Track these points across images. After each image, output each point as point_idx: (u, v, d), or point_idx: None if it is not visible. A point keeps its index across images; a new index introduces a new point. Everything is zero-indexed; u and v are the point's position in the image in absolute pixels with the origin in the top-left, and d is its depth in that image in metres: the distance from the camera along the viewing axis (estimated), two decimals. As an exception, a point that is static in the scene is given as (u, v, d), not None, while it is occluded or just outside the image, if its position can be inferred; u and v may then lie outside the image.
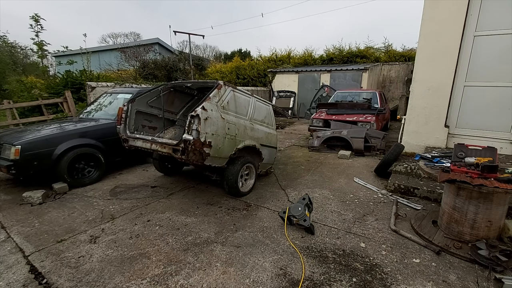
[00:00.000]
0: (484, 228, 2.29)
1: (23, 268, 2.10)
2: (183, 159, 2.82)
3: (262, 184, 3.98)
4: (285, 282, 1.94)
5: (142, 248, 2.36)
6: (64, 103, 6.53)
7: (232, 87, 3.27)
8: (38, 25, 7.08)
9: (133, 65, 13.77)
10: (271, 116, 4.10)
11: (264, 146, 3.83)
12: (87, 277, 1.99)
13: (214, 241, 2.47)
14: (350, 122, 6.24)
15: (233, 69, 16.16)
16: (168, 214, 3.03)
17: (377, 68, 12.27)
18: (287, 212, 2.68)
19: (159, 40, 19.43)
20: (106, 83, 6.92)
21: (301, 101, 12.76)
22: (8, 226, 2.73)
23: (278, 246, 2.40)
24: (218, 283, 1.93)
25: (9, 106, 6.00)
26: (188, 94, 4.48)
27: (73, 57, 7.89)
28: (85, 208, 3.17)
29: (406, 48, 13.96)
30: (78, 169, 3.84)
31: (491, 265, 2.02)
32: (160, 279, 1.98)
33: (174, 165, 4.37)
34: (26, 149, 3.36)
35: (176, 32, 14.91)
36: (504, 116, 3.71)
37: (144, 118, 3.95)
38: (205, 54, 30.83)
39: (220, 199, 3.43)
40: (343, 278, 1.99)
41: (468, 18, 3.72)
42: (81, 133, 3.89)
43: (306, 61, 15.26)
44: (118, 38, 31.58)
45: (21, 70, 13.48)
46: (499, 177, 2.16)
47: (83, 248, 2.35)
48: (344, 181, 4.07)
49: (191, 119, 2.69)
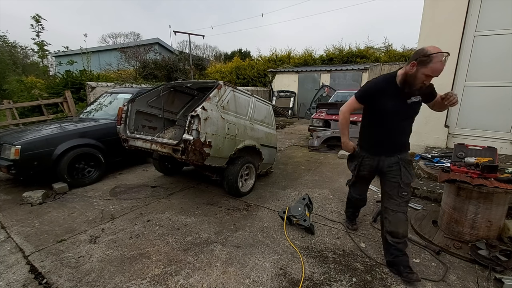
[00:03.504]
0: (484, 228, 2.29)
1: (23, 268, 2.09)
2: (183, 159, 2.82)
3: (262, 184, 3.98)
4: (285, 282, 1.94)
5: (142, 248, 2.36)
6: (64, 103, 6.53)
7: (232, 87, 3.27)
8: (39, 25, 7.07)
9: (133, 65, 13.76)
10: (271, 116, 4.09)
11: (264, 146, 3.83)
12: (87, 277, 1.99)
13: (214, 241, 2.47)
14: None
15: (233, 69, 16.15)
16: (168, 214, 3.03)
17: (377, 68, 12.27)
18: (287, 212, 2.68)
19: (159, 40, 19.42)
20: (106, 83, 6.91)
21: (301, 101, 12.77)
22: (8, 226, 2.73)
23: (278, 246, 2.40)
24: (218, 283, 1.93)
25: (9, 106, 6.00)
26: (188, 94, 4.48)
27: (73, 57, 7.89)
28: (85, 208, 3.17)
29: (406, 48, 13.96)
30: (78, 169, 3.84)
31: (491, 265, 2.02)
32: (160, 279, 1.98)
33: (174, 165, 4.37)
34: (26, 149, 3.36)
35: (176, 32, 14.89)
36: (504, 116, 3.71)
37: (144, 118, 3.95)
38: (205, 54, 30.85)
39: (220, 199, 3.43)
40: (343, 278, 1.99)
41: (468, 18, 3.71)
42: (81, 133, 3.88)
43: (306, 61, 15.26)
44: (118, 38, 31.62)
45: (21, 70, 13.49)
46: (499, 177, 2.15)
47: (83, 248, 2.35)
48: (344, 181, 4.05)
49: (191, 119, 2.69)
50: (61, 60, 7.98)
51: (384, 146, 2.05)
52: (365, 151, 2.19)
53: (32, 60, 16.01)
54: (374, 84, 1.98)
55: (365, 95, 2.02)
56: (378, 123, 2.03)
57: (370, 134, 2.15)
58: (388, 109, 1.92)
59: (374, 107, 2.02)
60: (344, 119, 2.18)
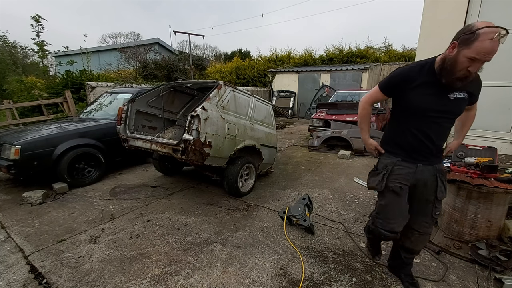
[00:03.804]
0: (484, 228, 2.29)
1: (23, 268, 2.09)
2: (183, 159, 2.82)
3: (262, 184, 3.98)
4: (285, 282, 1.94)
5: (142, 248, 2.36)
6: (64, 103, 6.53)
7: (232, 87, 3.27)
8: (39, 25, 7.07)
9: (133, 65, 13.76)
10: (271, 116, 4.09)
11: (264, 146, 3.83)
12: (87, 277, 1.99)
13: (214, 241, 2.47)
14: (350, 122, 6.24)
15: (233, 69, 16.15)
16: (168, 214, 3.03)
17: (377, 68, 12.27)
18: (287, 212, 2.68)
19: (159, 40, 19.41)
20: (106, 83, 6.91)
21: (301, 101, 12.76)
22: (8, 226, 2.73)
23: (278, 246, 2.40)
24: (218, 283, 1.93)
25: (9, 106, 6.00)
26: (188, 94, 4.48)
27: (73, 57, 7.88)
28: (85, 208, 3.17)
29: (406, 48, 13.99)
30: (78, 169, 3.84)
31: (491, 265, 2.02)
32: (160, 279, 1.98)
33: (174, 165, 4.37)
34: (26, 149, 3.36)
35: (176, 32, 14.87)
36: (504, 116, 3.71)
37: (144, 118, 3.95)
38: (205, 54, 30.82)
39: (220, 199, 3.43)
40: (343, 278, 1.99)
41: (468, 18, 3.71)
42: (81, 133, 3.88)
43: (306, 61, 15.26)
44: (118, 38, 31.58)
45: (21, 70, 13.48)
46: (499, 177, 2.16)
47: (83, 248, 2.35)
48: (344, 181, 4.07)
49: (191, 119, 2.69)
50: (61, 60, 7.97)
51: (418, 151, 1.59)
52: (395, 155, 1.65)
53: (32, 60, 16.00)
54: (400, 73, 1.54)
55: (390, 86, 1.60)
56: (408, 122, 1.58)
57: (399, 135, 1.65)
58: (420, 105, 1.49)
59: (401, 101, 1.58)
60: (364, 111, 1.75)
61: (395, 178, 1.61)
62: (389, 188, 1.61)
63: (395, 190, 1.60)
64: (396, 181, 1.60)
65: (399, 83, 1.54)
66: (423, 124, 1.53)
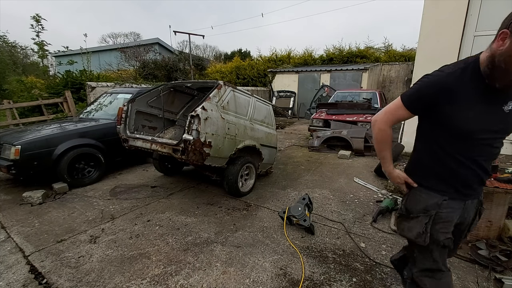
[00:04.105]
0: (484, 228, 2.29)
1: (23, 268, 2.10)
2: (183, 159, 2.82)
3: (262, 184, 3.98)
4: (285, 282, 1.94)
5: (142, 248, 2.36)
6: (64, 103, 6.53)
7: (232, 87, 3.27)
8: (39, 25, 7.08)
9: (133, 65, 13.77)
10: (271, 116, 4.10)
11: (264, 146, 3.83)
12: (87, 277, 1.99)
13: (214, 241, 2.47)
14: (350, 122, 6.24)
15: (233, 69, 16.15)
16: (168, 214, 3.03)
17: (377, 68, 12.28)
18: (287, 212, 2.68)
19: (159, 40, 19.41)
20: (106, 83, 6.91)
21: (301, 101, 12.77)
22: (8, 226, 2.73)
23: (278, 246, 2.40)
24: (218, 283, 1.93)
25: (9, 106, 6.00)
26: (188, 94, 4.48)
27: (73, 57, 7.89)
28: (85, 208, 3.17)
29: (406, 48, 14.00)
30: (78, 169, 3.84)
31: (491, 265, 2.02)
32: (160, 279, 1.98)
33: (174, 165, 4.37)
34: (26, 149, 3.36)
35: (176, 32, 14.88)
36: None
37: (144, 118, 3.95)
38: (205, 54, 30.82)
39: (220, 199, 3.43)
40: (343, 278, 1.99)
41: (468, 18, 3.72)
42: (81, 133, 3.88)
43: (306, 61, 15.27)
44: (118, 38, 31.58)
45: (21, 70, 13.49)
46: (499, 177, 2.16)
47: (83, 248, 2.35)
48: (344, 181, 4.07)
49: (191, 119, 2.69)
50: (61, 60, 7.98)
51: (468, 185, 1.20)
52: (438, 192, 1.22)
53: (32, 60, 16.01)
54: (435, 82, 1.11)
55: (420, 100, 1.16)
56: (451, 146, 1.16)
57: (438, 163, 1.21)
58: (467, 126, 1.09)
59: (438, 119, 1.16)
60: (382, 133, 1.28)
61: (444, 227, 1.19)
62: (439, 242, 1.20)
63: (447, 244, 1.21)
64: (446, 232, 1.19)
65: (434, 96, 1.10)
66: (473, 149, 1.14)
